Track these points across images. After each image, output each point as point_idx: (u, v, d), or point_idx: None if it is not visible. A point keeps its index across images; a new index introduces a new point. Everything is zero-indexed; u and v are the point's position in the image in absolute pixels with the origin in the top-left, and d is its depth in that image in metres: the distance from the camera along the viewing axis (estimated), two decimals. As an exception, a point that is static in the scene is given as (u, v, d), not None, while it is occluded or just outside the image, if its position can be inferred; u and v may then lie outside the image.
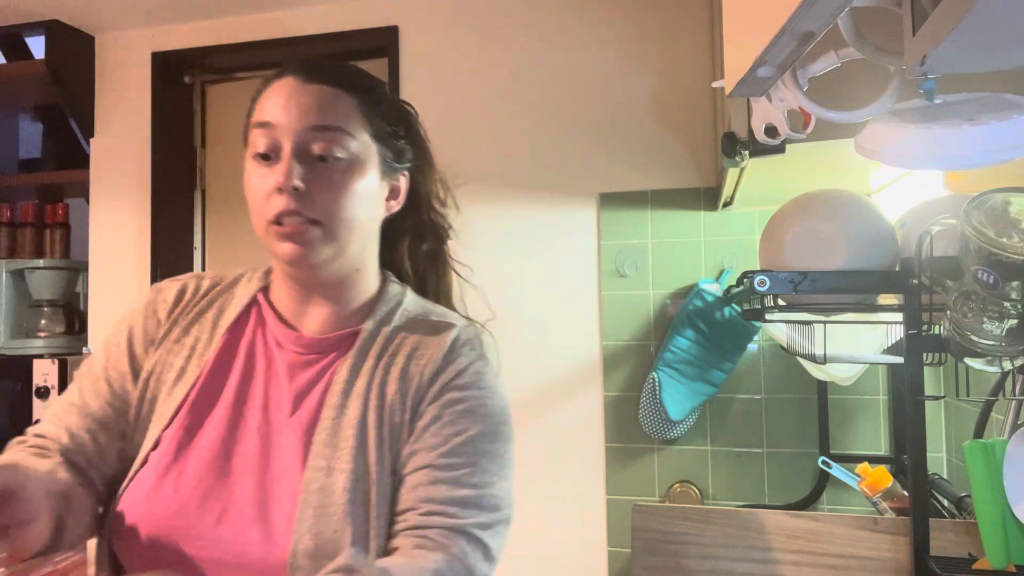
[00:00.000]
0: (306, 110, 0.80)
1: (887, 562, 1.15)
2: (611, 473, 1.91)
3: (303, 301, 0.87)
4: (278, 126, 0.80)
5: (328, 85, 0.82)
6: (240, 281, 0.93)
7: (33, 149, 2.69)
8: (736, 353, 1.82)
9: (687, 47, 1.94)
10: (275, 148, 0.80)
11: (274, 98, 0.82)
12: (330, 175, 0.80)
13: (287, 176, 0.78)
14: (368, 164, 0.83)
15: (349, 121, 0.82)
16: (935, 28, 0.50)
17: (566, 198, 2.00)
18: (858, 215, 1.12)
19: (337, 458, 0.78)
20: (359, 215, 0.83)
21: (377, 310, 0.88)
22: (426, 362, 0.83)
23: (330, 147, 0.80)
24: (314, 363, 0.85)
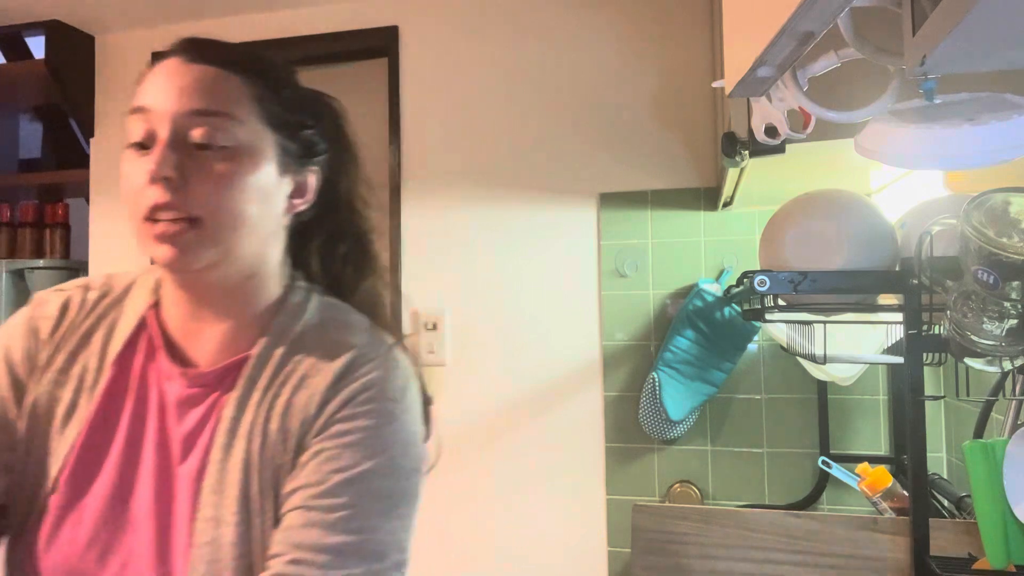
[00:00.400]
0: (186, 92, 0.71)
1: (887, 562, 1.15)
2: (611, 473, 1.91)
3: (193, 317, 0.77)
4: (154, 111, 0.71)
5: (214, 65, 0.73)
6: (131, 291, 0.82)
7: (33, 149, 2.68)
8: (736, 353, 1.82)
9: (687, 47, 1.94)
10: (151, 135, 0.71)
11: (153, 80, 0.73)
12: (211, 165, 0.70)
13: (158, 164, 0.69)
14: (261, 155, 0.73)
15: (235, 105, 0.72)
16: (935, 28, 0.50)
17: (566, 198, 2.00)
18: (858, 215, 1.12)
19: (224, 507, 0.69)
20: (248, 211, 0.72)
21: (272, 328, 0.77)
22: (312, 392, 0.72)
23: (212, 133, 0.71)
24: (202, 399, 0.75)
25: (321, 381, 0.73)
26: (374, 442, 0.71)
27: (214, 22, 2.26)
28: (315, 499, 0.68)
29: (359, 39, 2.16)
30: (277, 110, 0.76)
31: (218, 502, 0.70)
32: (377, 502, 0.69)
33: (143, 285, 0.82)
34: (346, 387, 0.72)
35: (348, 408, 0.72)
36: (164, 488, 0.73)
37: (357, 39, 2.16)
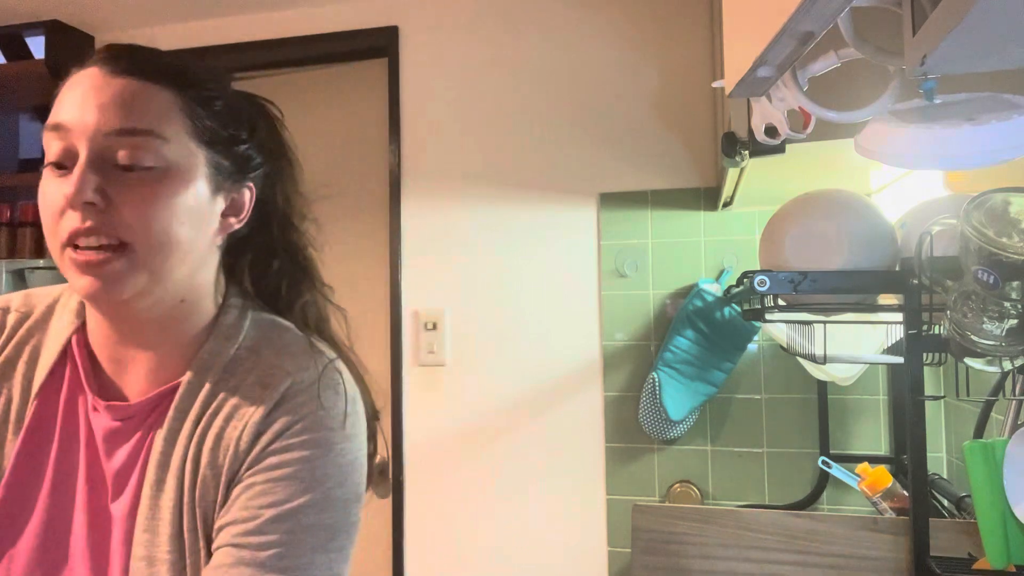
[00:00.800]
0: (107, 109, 0.65)
1: (887, 562, 1.15)
2: (611, 473, 1.91)
3: (120, 343, 0.72)
4: (73, 129, 0.65)
5: (137, 78, 0.67)
6: (55, 311, 0.77)
7: (33, 149, 2.68)
8: (736, 353, 1.82)
9: (687, 47, 1.94)
10: (70, 155, 0.65)
11: (71, 93, 0.67)
12: (138, 187, 0.65)
13: (78, 188, 0.63)
14: (191, 174, 0.68)
15: (163, 122, 0.67)
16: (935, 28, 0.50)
17: (566, 198, 2.00)
18: (858, 215, 1.12)
19: (157, 546, 0.66)
20: (179, 235, 0.67)
21: (202, 354, 0.72)
22: (245, 425, 0.68)
23: (138, 154, 0.65)
24: (131, 433, 0.70)
25: (254, 412, 0.68)
26: (308, 475, 0.67)
27: (214, 22, 2.26)
28: (245, 536, 0.64)
29: (359, 39, 2.16)
30: (209, 125, 0.71)
31: (151, 540, 0.66)
32: (311, 537, 0.66)
33: (66, 306, 0.76)
34: (280, 418, 0.68)
35: (281, 440, 0.68)
36: (98, 526, 0.69)
37: (357, 39, 2.16)
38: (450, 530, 1.97)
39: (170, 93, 0.68)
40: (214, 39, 2.26)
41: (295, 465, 0.67)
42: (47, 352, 0.73)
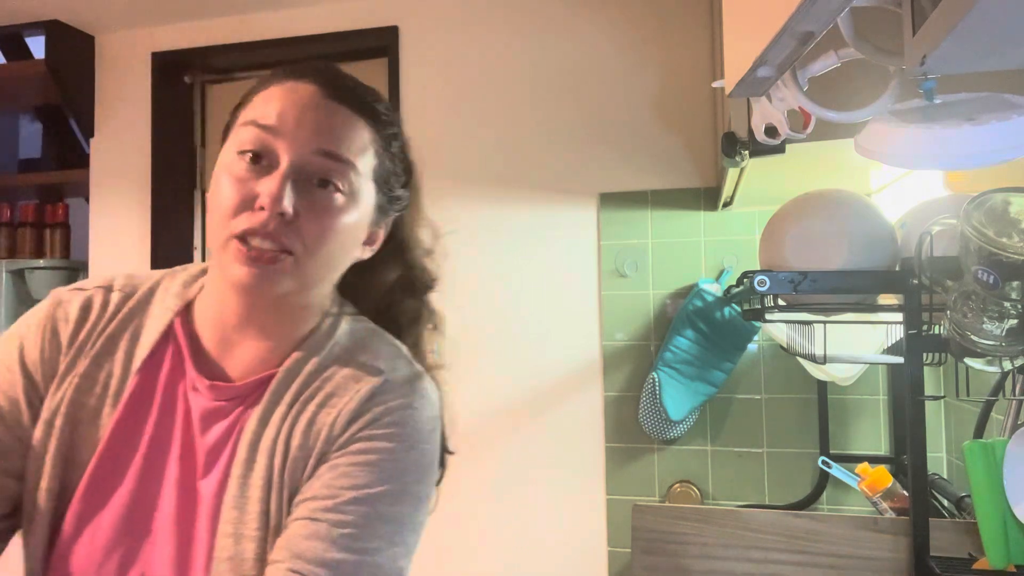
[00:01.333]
0: (320, 129, 0.70)
1: (887, 562, 1.15)
2: (611, 473, 1.91)
3: (236, 330, 0.75)
4: (282, 133, 0.69)
5: (351, 109, 0.72)
6: (156, 293, 0.79)
7: (33, 149, 2.68)
8: (736, 353, 1.82)
9: (687, 47, 1.94)
10: (271, 155, 0.69)
11: (284, 101, 0.71)
12: (322, 209, 0.70)
13: (276, 197, 0.67)
14: (362, 204, 0.74)
15: (361, 156, 0.72)
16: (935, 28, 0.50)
17: (566, 198, 2.00)
18: (858, 215, 1.12)
19: (245, 523, 0.68)
20: (338, 256, 0.73)
21: (303, 346, 0.76)
22: (338, 412, 0.71)
23: (333, 178, 0.70)
24: (227, 412, 0.73)
25: (349, 402, 0.72)
26: (391, 466, 0.70)
27: (214, 22, 2.26)
28: (324, 512, 0.67)
29: (359, 39, 2.16)
30: (387, 166, 0.76)
31: (239, 518, 0.69)
32: (384, 525, 0.68)
33: (168, 289, 0.79)
34: (371, 408, 0.72)
35: (371, 428, 0.71)
36: (186, 502, 0.71)
37: (357, 39, 2.16)
38: (450, 530, 1.97)
39: (371, 130, 0.74)
40: (214, 39, 2.26)
41: (380, 454, 0.70)
42: (149, 331, 0.76)
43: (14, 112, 2.67)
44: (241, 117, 0.72)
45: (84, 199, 2.42)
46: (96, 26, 2.32)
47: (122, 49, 2.35)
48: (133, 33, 2.33)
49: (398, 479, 0.70)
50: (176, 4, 2.17)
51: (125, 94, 2.33)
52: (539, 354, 1.98)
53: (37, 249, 2.48)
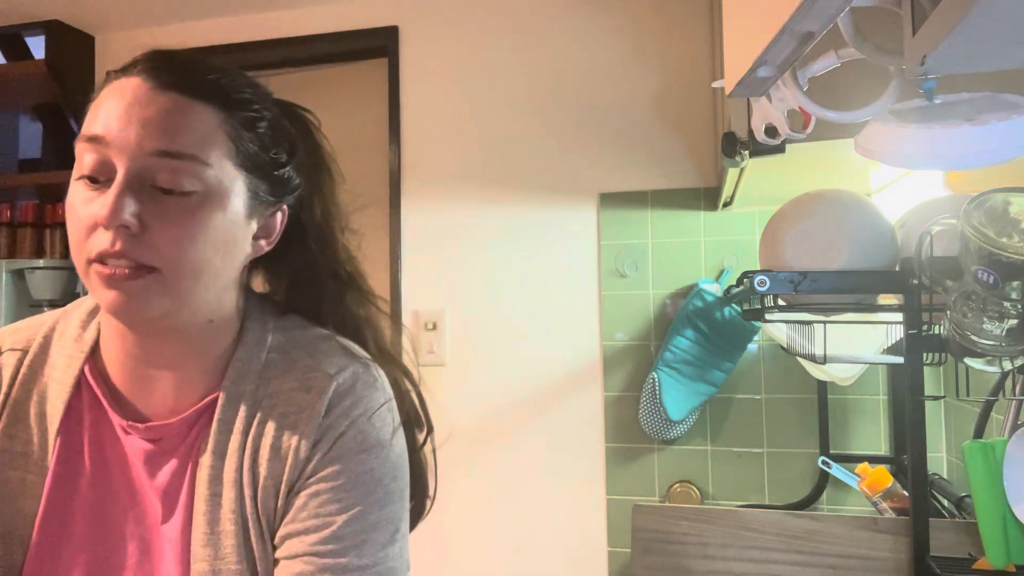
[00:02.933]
0: (151, 127, 0.62)
1: (887, 562, 1.15)
2: (611, 473, 1.91)
3: (144, 362, 0.70)
4: (111, 141, 0.62)
5: (184, 95, 0.64)
6: (52, 343, 0.73)
7: (33, 149, 2.68)
8: (736, 353, 1.82)
9: (687, 47, 1.94)
10: (106, 169, 0.63)
11: (108, 103, 0.64)
12: (175, 212, 0.63)
13: (113, 210, 0.60)
14: (228, 199, 0.66)
15: (207, 146, 0.64)
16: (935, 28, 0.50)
17: (566, 198, 2.00)
18: (858, 215, 1.12)
19: (221, 558, 0.66)
20: (212, 261, 0.65)
21: (234, 363, 0.70)
22: (300, 436, 0.68)
23: (178, 178, 0.63)
24: (172, 452, 0.69)
25: (307, 421, 0.68)
26: (369, 478, 0.69)
27: (214, 22, 2.26)
28: (322, 544, 0.66)
29: (359, 39, 2.16)
30: (252, 149, 0.68)
31: (213, 554, 0.66)
32: (380, 533, 0.68)
33: (64, 335, 0.73)
34: (333, 425, 0.69)
35: (338, 447, 0.69)
36: (151, 550, 0.68)
37: (357, 39, 2.16)
38: (450, 529, 1.97)
39: (216, 114, 0.65)
40: (214, 39, 2.26)
41: (356, 471, 0.68)
42: (58, 387, 0.70)
43: (14, 112, 2.67)
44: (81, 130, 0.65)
45: (84, 199, 2.41)
46: (96, 26, 2.32)
47: (122, 49, 2.34)
48: (133, 33, 2.33)
49: (379, 486, 0.69)
50: (176, 4, 2.17)
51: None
52: (539, 354, 1.98)
53: (37, 249, 2.48)
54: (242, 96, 0.68)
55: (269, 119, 0.70)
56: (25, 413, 0.70)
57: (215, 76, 0.67)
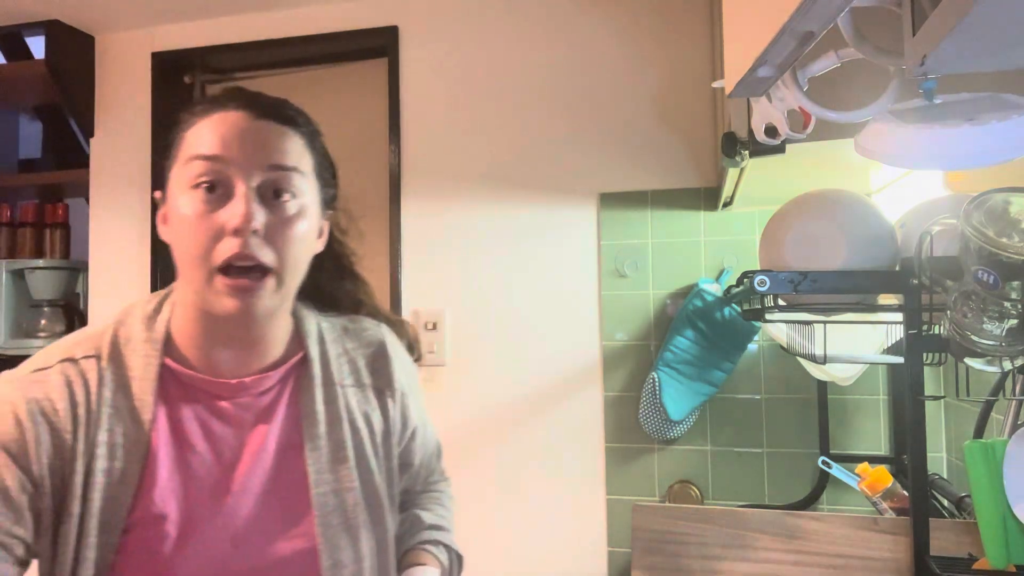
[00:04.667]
0: (261, 147, 0.76)
1: (887, 562, 1.15)
2: (611, 473, 1.91)
3: (222, 345, 0.81)
4: (230, 158, 0.74)
5: (278, 122, 0.78)
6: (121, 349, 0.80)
7: (33, 149, 2.68)
8: (736, 353, 1.82)
9: (687, 47, 1.94)
10: (224, 182, 0.74)
11: (220, 130, 0.76)
12: (284, 217, 0.76)
13: (247, 217, 0.72)
14: (312, 205, 0.81)
15: (301, 159, 0.79)
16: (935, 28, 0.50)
17: (566, 198, 2.00)
18: (858, 215, 1.12)
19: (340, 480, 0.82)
20: (302, 259, 0.80)
21: (308, 336, 0.87)
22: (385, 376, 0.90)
23: (285, 187, 0.76)
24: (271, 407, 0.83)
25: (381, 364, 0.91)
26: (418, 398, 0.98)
27: (214, 22, 2.26)
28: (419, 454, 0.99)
29: (359, 39, 2.15)
30: (320, 161, 0.83)
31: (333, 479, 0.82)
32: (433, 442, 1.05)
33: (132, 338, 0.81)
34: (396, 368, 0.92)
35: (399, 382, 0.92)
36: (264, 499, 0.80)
37: (357, 39, 2.16)
38: (450, 530, 1.97)
39: (297, 135, 0.80)
40: (214, 39, 2.26)
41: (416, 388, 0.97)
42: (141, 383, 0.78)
43: (14, 112, 2.67)
44: (182, 153, 0.76)
45: (84, 199, 2.42)
46: (96, 26, 2.32)
47: (122, 49, 2.35)
48: (133, 33, 2.33)
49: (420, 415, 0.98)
50: (176, 4, 2.17)
51: (125, 94, 2.33)
52: (539, 354, 1.98)
53: (37, 249, 2.48)
54: (305, 119, 0.83)
55: (321, 139, 0.85)
56: (116, 409, 0.77)
57: (288, 108, 0.82)
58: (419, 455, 0.98)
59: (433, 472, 1.08)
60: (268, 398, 0.83)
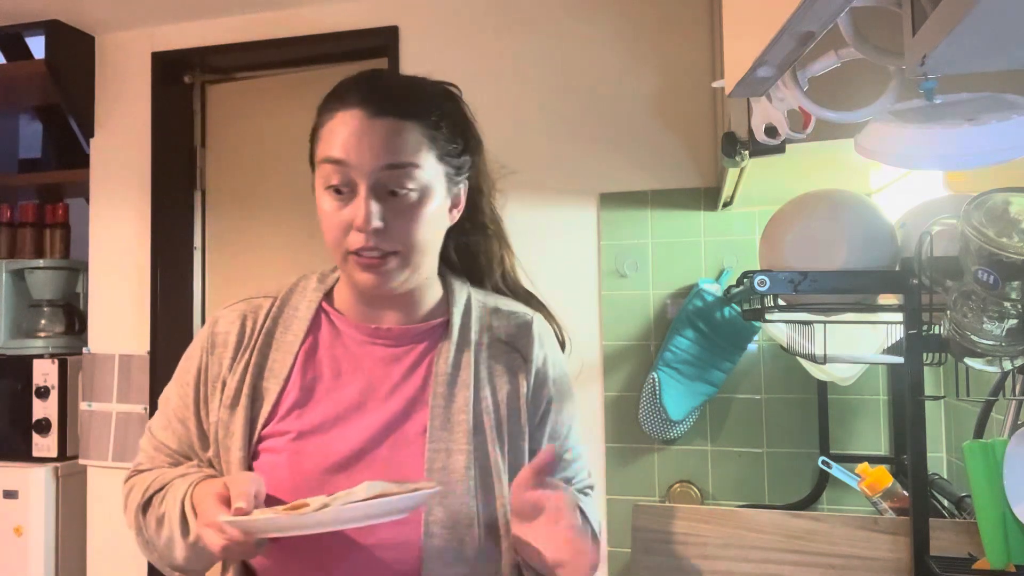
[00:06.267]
0: (378, 148, 0.83)
1: (887, 562, 1.15)
2: (611, 473, 1.91)
3: (373, 307, 0.93)
4: (351, 164, 0.83)
5: (395, 117, 0.84)
6: (294, 295, 0.97)
7: (33, 149, 2.69)
8: (736, 353, 1.82)
9: (687, 47, 1.94)
10: (349, 184, 0.84)
11: (342, 133, 0.84)
12: (404, 208, 0.84)
13: (367, 219, 0.82)
14: (436, 188, 0.87)
15: (418, 153, 0.85)
16: (935, 28, 0.50)
17: (566, 198, 2.00)
18: (858, 215, 1.12)
19: (454, 440, 0.86)
20: (431, 238, 0.88)
21: (455, 304, 0.94)
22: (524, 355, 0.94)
23: (403, 182, 0.84)
24: (403, 356, 0.91)
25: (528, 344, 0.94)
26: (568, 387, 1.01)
27: (214, 22, 2.26)
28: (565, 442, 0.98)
29: (359, 39, 2.15)
30: (443, 144, 0.88)
31: (448, 436, 0.86)
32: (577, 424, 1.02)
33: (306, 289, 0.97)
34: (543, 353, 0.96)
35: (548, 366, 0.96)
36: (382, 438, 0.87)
37: (357, 39, 2.16)
38: (450, 530, 1.97)
39: (418, 127, 0.85)
40: (214, 39, 2.26)
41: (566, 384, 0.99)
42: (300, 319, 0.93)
43: (14, 112, 2.67)
44: (318, 153, 0.87)
45: (84, 199, 2.42)
46: (96, 26, 2.32)
47: (122, 49, 2.35)
48: (133, 33, 2.33)
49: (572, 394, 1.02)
50: (176, 4, 2.17)
51: (125, 94, 2.33)
52: (539, 354, 1.97)
53: (37, 249, 2.48)
54: (428, 105, 0.88)
55: (447, 116, 0.90)
56: (274, 339, 0.92)
57: (410, 95, 0.89)
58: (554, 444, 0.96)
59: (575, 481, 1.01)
60: (403, 350, 0.92)
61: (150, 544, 0.90)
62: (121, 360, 2.25)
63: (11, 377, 2.27)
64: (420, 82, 0.94)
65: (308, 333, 0.93)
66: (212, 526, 0.76)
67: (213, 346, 0.93)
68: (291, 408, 0.89)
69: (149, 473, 0.93)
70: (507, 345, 0.94)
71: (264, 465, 0.86)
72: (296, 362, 0.91)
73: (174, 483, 0.89)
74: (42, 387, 2.23)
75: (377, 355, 0.91)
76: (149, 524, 0.89)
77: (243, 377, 0.90)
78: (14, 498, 2.17)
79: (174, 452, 0.95)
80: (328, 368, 0.91)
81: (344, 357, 0.92)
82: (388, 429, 0.87)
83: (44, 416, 2.23)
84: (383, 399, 0.89)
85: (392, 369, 0.91)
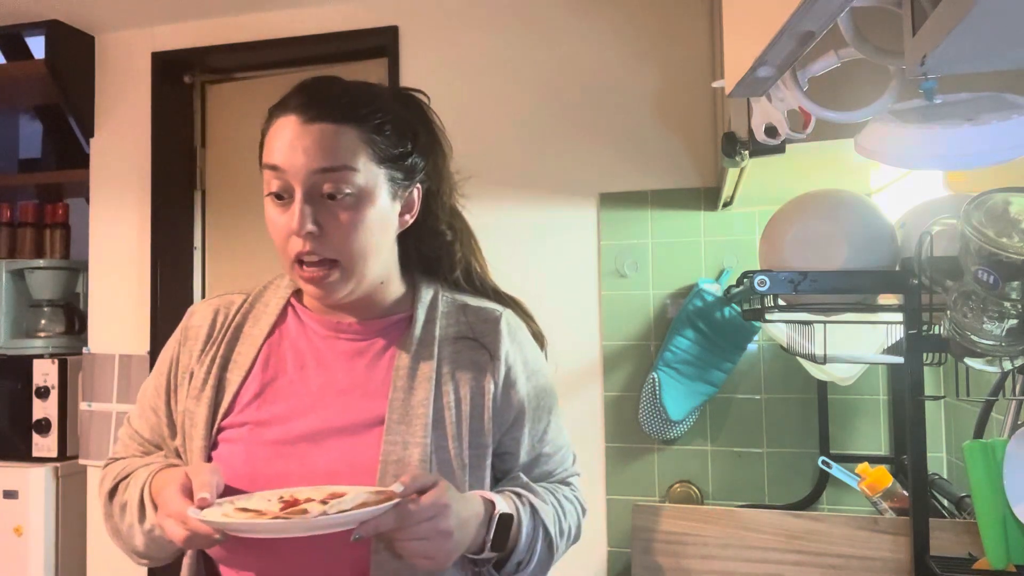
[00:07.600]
0: (310, 153, 0.83)
1: (887, 562, 1.16)
2: (611, 473, 1.91)
3: (334, 309, 0.94)
4: (285, 169, 0.83)
5: (329, 122, 0.84)
6: (266, 292, 0.99)
7: (33, 149, 2.68)
8: (736, 353, 1.82)
9: (687, 47, 1.94)
10: (287, 190, 0.84)
11: (279, 139, 0.85)
12: (341, 212, 0.84)
13: (300, 222, 0.82)
14: (377, 191, 0.86)
15: (353, 156, 0.84)
16: (935, 28, 0.50)
17: (566, 198, 2.00)
18: (858, 215, 1.12)
19: (411, 434, 0.86)
20: (372, 244, 0.87)
21: (420, 300, 0.94)
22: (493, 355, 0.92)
23: (337, 186, 0.83)
24: (366, 350, 0.92)
25: (497, 342, 0.92)
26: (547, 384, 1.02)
27: (214, 22, 2.26)
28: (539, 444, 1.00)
29: (359, 39, 2.15)
30: (384, 148, 0.87)
31: (406, 430, 0.86)
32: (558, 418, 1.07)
33: (279, 287, 0.99)
34: (514, 351, 0.94)
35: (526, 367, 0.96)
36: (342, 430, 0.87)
37: (357, 39, 2.16)
38: (450, 530, 1.97)
39: (354, 130, 0.85)
40: (214, 39, 2.26)
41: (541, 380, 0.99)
42: (268, 314, 0.96)
43: (14, 112, 2.67)
44: (263, 158, 0.87)
45: (84, 199, 2.42)
46: (96, 26, 2.32)
47: (122, 49, 2.35)
48: (133, 33, 2.33)
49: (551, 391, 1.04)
50: (176, 4, 2.17)
51: (125, 94, 2.33)
52: (539, 354, 1.97)
53: (37, 249, 2.48)
54: (369, 109, 0.87)
55: (392, 120, 0.89)
56: (243, 332, 0.95)
57: (347, 100, 0.87)
58: (526, 446, 0.96)
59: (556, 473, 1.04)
60: (366, 344, 0.92)
61: (116, 531, 0.92)
62: (121, 360, 2.25)
63: (11, 377, 2.27)
64: (366, 87, 0.92)
65: (274, 327, 0.95)
66: (175, 516, 0.76)
67: (186, 339, 0.96)
68: (251, 400, 0.90)
69: (121, 461, 0.96)
70: (474, 341, 0.93)
71: (222, 455, 0.88)
72: (259, 355, 0.93)
73: (138, 472, 0.91)
74: (42, 387, 2.23)
75: (340, 349, 0.92)
76: (114, 511, 0.91)
77: (209, 368, 0.92)
78: (14, 498, 2.17)
79: (146, 441, 0.97)
80: (292, 361, 0.92)
81: (308, 350, 0.93)
82: (345, 421, 0.88)
83: (44, 416, 2.23)
84: (344, 392, 0.90)
85: (355, 363, 0.91)
